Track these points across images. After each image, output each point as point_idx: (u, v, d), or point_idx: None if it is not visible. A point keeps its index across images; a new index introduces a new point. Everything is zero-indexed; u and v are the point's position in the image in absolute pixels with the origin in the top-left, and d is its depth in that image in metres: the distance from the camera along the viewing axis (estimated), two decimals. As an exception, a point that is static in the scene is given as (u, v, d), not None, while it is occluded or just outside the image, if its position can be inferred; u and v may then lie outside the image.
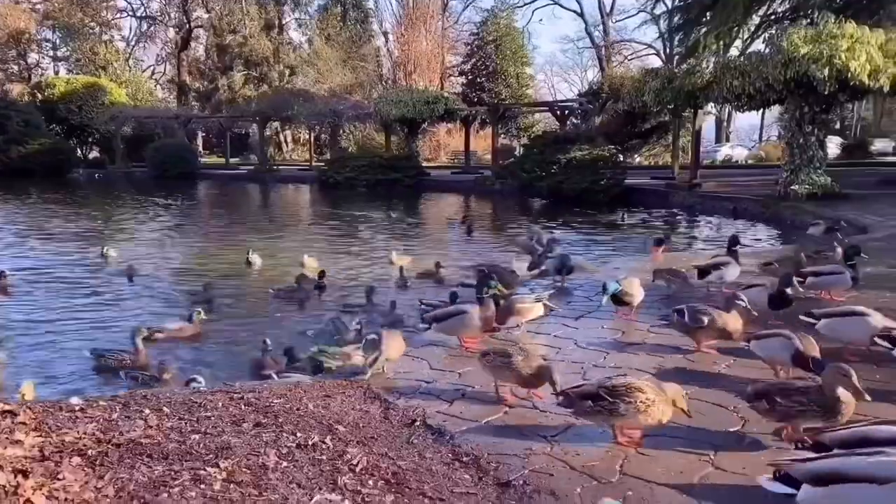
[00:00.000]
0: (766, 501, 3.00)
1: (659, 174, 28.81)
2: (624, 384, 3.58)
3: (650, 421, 3.57)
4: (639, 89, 23.14)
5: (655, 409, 3.52)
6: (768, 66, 17.53)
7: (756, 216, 18.50)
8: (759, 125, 57.63)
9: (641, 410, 3.51)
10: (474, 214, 19.91)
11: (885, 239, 11.43)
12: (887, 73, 16.67)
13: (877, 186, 21.65)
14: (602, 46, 55.04)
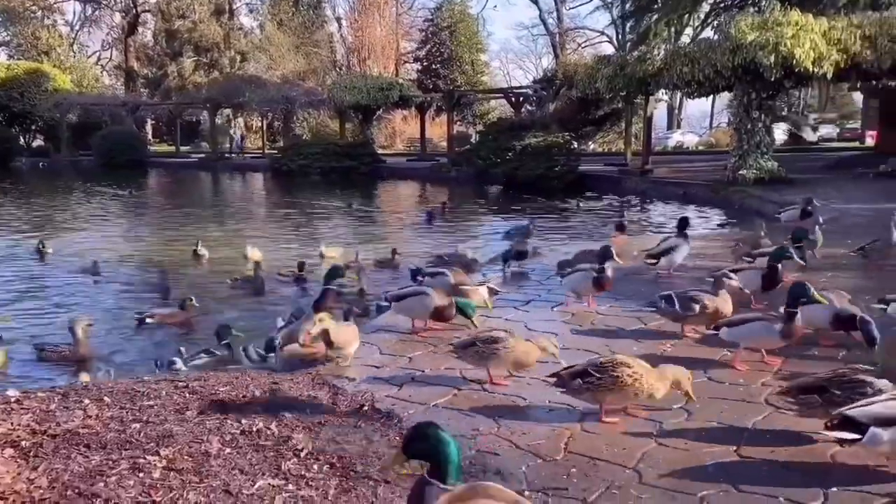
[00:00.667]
0: (707, 475, 3.05)
1: (612, 160, 29.14)
2: (611, 360, 3.65)
3: (639, 395, 3.62)
4: (592, 76, 23.29)
5: (643, 383, 3.56)
6: (717, 53, 17.83)
7: (706, 201, 18.84)
8: (709, 112, 58.64)
9: (628, 384, 3.55)
10: (440, 203, 19.76)
11: (827, 222, 11.72)
12: (830, 59, 17.08)
13: (821, 171, 22.25)
14: (556, 33, 55.30)
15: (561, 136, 26.15)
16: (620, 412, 3.76)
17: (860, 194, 15.60)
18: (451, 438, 2.21)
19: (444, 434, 2.21)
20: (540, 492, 2.97)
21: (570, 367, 3.82)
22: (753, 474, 3.04)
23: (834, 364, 4.27)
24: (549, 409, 3.93)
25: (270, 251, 11.79)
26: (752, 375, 4.27)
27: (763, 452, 3.25)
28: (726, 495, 2.88)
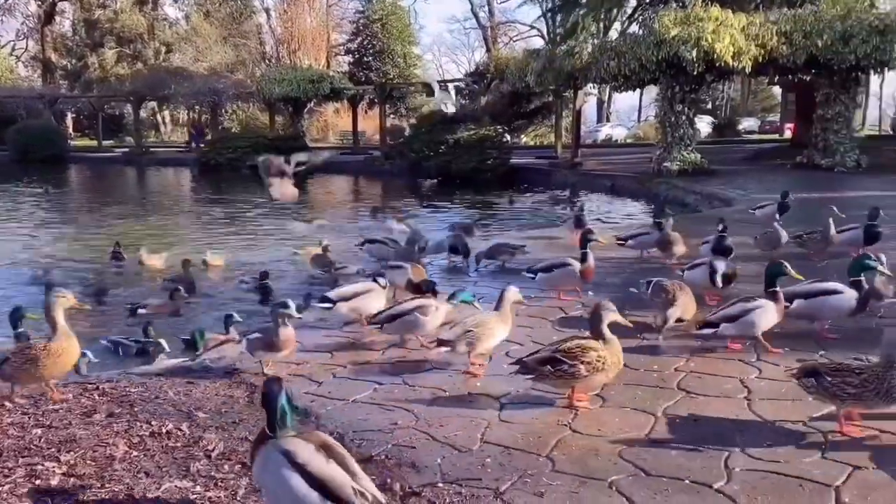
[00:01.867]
0: (618, 460, 3.10)
1: (543, 154, 29.49)
2: (577, 345, 3.63)
3: (607, 378, 3.68)
4: (522, 70, 23.50)
5: (610, 365, 3.61)
6: (642, 48, 18.20)
7: (633, 192, 19.28)
8: (637, 106, 59.98)
9: (599, 369, 3.58)
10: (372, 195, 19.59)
11: (745, 210, 12.16)
12: (749, 54, 17.66)
13: (742, 162, 23.04)
14: (488, 27, 55.55)
15: (493, 130, 26.29)
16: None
17: (778, 184, 16.14)
18: (278, 394, 2.48)
19: (272, 390, 2.49)
20: (454, 483, 2.97)
21: (535, 354, 3.77)
22: (662, 458, 3.10)
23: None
24: (469, 400, 3.93)
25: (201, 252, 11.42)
26: (665, 362, 4.36)
27: (672, 436, 3.33)
28: (635, 479, 2.93)
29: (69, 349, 3.91)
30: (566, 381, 3.65)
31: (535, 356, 3.74)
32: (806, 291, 4.77)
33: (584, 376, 3.59)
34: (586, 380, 3.62)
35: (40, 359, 3.80)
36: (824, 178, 17.30)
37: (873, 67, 18.91)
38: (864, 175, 17.61)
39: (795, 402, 3.66)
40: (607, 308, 3.74)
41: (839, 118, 19.33)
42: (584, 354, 3.58)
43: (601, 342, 3.65)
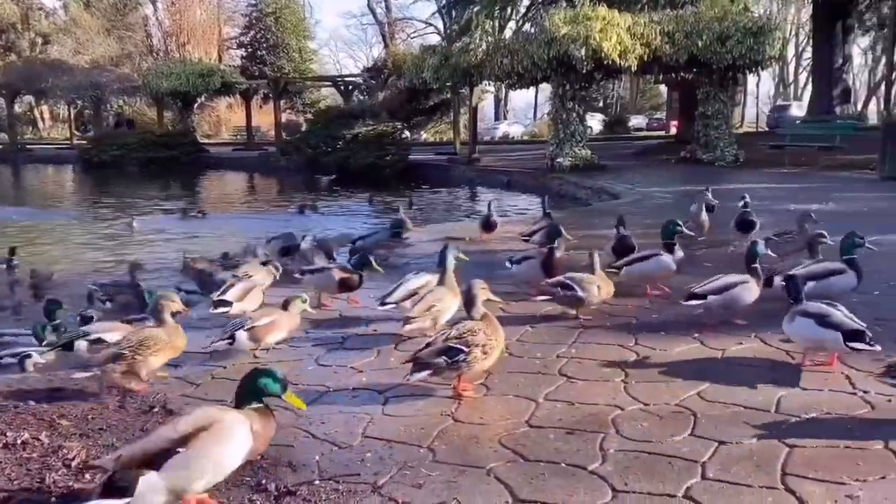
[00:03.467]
0: (498, 447, 3.11)
1: (442, 150, 29.66)
2: (466, 329, 3.61)
3: (492, 361, 3.71)
4: (419, 66, 23.49)
5: (495, 345, 3.65)
6: (533, 46, 18.58)
7: (528, 187, 19.66)
8: (533, 103, 61.27)
9: (489, 353, 3.62)
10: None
11: (631, 203, 12.64)
12: (635, 53, 18.34)
13: (630, 158, 23.96)
14: (385, 23, 55.33)
15: (391, 126, 26.22)
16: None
17: (662, 178, 16.93)
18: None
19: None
20: (331, 480, 2.89)
21: (426, 347, 3.66)
22: (541, 443, 3.14)
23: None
24: (352, 395, 3.85)
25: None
26: (549, 350, 4.43)
27: (552, 421, 3.36)
28: (513, 465, 2.95)
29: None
30: (459, 369, 3.61)
31: (430, 349, 3.65)
32: (813, 273, 4.89)
33: (483, 359, 3.60)
34: (481, 364, 3.64)
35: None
36: (706, 171, 18.20)
37: (748, 67, 20.06)
38: (742, 169, 18.67)
39: (669, 383, 3.79)
40: (480, 286, 3.82)
41: (718, 115, 20.38)
42: (474, 336, 3.58)
43: (483, 322, 3.72)
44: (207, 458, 2.47)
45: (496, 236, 8.73)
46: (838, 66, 29.14)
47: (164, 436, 2.51)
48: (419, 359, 3.64)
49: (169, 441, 2.47)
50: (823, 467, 2.79)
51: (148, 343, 3.93)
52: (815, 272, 4.89)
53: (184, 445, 2.45)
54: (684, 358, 4.20)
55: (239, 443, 2.57)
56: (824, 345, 3.86)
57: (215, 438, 2.50)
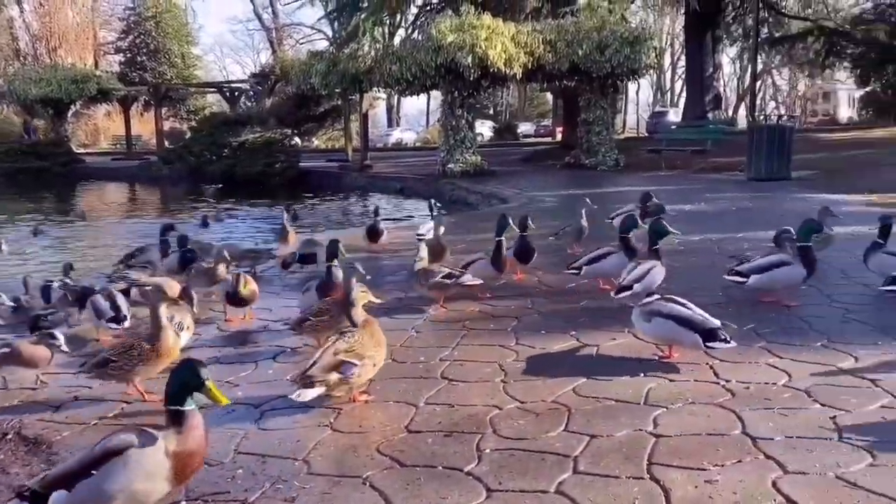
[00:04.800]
0: (374, 455, 3.06)
1: (334, 157, 29.35)
2: (356, 341, 3.58)
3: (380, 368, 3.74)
4: (306, 72, 23.18)
5: (375, 350, 3.66)
6: (421, 53, 18.70)
7: (421, 193, 19.76)
8: (426, 110, 61.76)
9: (378, 363, 3.65)
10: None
11: (519, 207, 12.89)
12: (519, 61, 18.80)
13: (519, 163, 24.54)
14: (272, 29, 54.30)
15: (279, 132, 25.71)
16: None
17: (549, 183, 17.40)
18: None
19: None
20: (198, 499, 2.76)
21: (316, 363, 3.50)
22: (419, 448, 3.12)
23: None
24: (227, 411, 3.70)
25: None
26: (432, 353, 4.43)
27: (430, 425, 3.35)
28: (390, 472, 2.91)
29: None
30: (353, 382, 3.56)
31: (321, 364, 3.51)
32: (759, 266, 5.13)
33: (373, 369, 3.61)
34: (368, 375, 3.63)
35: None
36: (589, 176, 18.89)
37: (626, 75, 20.96)
38: (623, 172, 19.46)
39: (546, 381, 3.86)
40: (359, 290, 3.80)
41: (599, 121, 21.19)
42: (363, 348, 3.56)
43: (367, 329, 3.71)
44: (114, 484, 2.35)
45: (384, 243, 8.68)
46: (709, 73, 30.98)
47: (81, 458, 2.44)
48: (310, 376, 3.48)
49: (81, 464, 2.40)
50: (686, 455, 2.90)
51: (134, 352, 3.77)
52: (760, 265, 5.16)
53: (96, 469, 2.36)
54: (562, 355, 4.31)
55: (151, 470, 2.40)
56: (683, 343, 4.05)
57: (123, 465, 2.37)
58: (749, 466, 2.79)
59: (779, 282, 5.13)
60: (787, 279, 5.10)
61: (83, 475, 2.36)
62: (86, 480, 2.35)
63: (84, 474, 2.36)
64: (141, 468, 2.38)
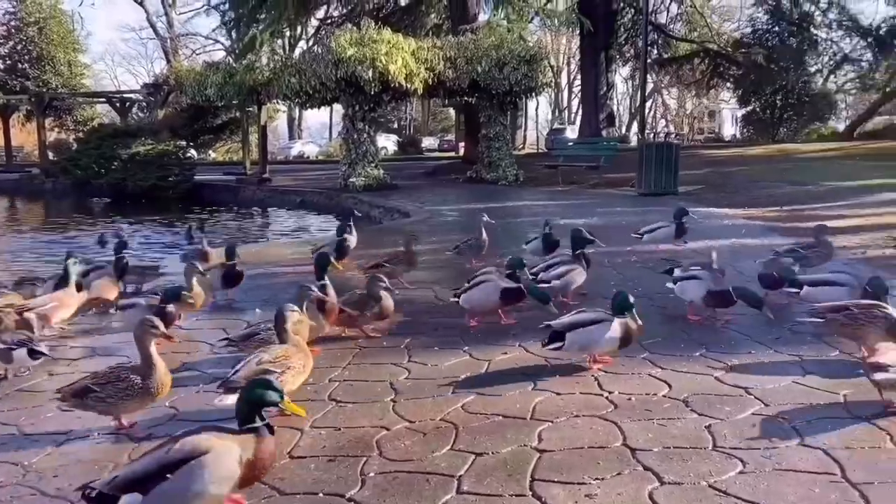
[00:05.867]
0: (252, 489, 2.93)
1: (232, 170, 28.66)
2: (281, 353, 3.59)
3: (299, 384, 3.72)
4: (201, 83, 22.47)
5: (305, 366, 3.70)
6: (321, 66, 18.49)
7: (322, 207, 19.48)
8: (328, 123, 61.19)
9: (296, 377, 3.62)
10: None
11: (421, 221, 12.92)
12: (420, 76, 18.90)
13: (422, 177, 24.64)
14: (167, 38, 52.52)
15: (173, 144, 24.80)
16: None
17: (450, 197, 17.54)
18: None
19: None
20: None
21: (238, 370, 3.52)
22: (301, 474, 3.01)
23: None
24: (96, 441, 3.47)
25: None
26: (321, 374, 4.32)
27: (315, 450, 3.25)
28: (268, 501, 2.80)
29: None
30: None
31: (243, 371, 3.51)
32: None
33: (290, 383, 3.56)
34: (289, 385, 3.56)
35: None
36: (490, 190, 19.18)
37: (524, 92, 21.44)
38: (522, 187, 19.87)
39: (436, 398, 3.83)
40: (289, 310, 3.82)
41: (499, 137, 21.60)
42: (287, 360, 3.58)
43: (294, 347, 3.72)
44: (190, 488, 2.40)
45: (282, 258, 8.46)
46: (603, 92, 32.21)
47: (155, 461, 2.44)
48: (232, 382, 3.47)
49: (158, 467, 2.41)
50: (568, 469, 2.93)
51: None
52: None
53: (171, 472, 2.39)
54: (453, 371, 4.29)
55: (224, 473, 2.47)
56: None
57: (200, 469, 2.41)
58: (628, 479, 2.85)
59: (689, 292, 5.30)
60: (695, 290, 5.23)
61: (159, 478, 2.38)
62: (162, 484, 2.38)
63: (160, 477, 2.38)
64: (218, 473, 2.45)
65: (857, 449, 3.04)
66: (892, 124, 40.49)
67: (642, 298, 5.81)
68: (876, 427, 3.26)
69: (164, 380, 3.49)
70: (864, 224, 9.90)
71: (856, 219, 10.42)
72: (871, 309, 4.03)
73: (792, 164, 20.69)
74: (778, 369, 4.10)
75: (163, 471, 2.39)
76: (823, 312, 4.27)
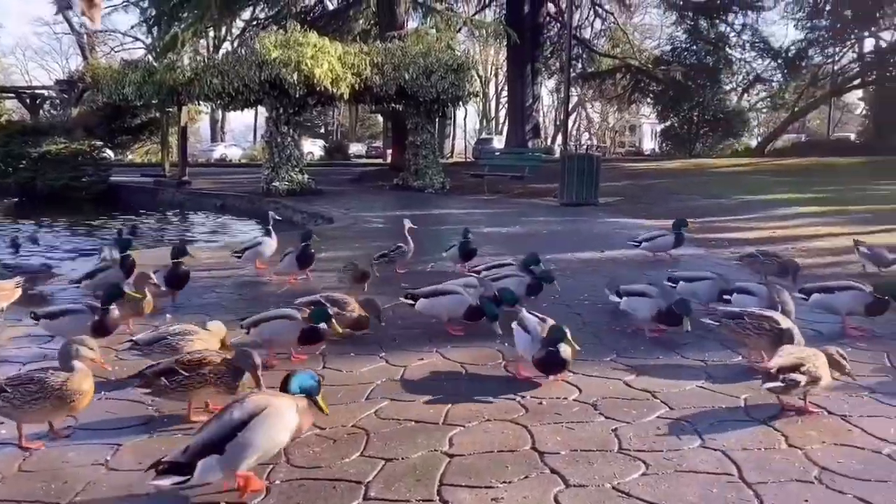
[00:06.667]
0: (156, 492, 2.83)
1: (150, 171, 27.78)
2: (200, 357, 3.53)
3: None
4: (119, 81, 21.66)
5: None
6: (244, 67, 18.13)
7: (243, 211, 19.04)
8: (253, 126, 60.01)
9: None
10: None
11: (345, 227, 12.81)
12: (346, 81, 18.76)
13: (348, 184, 24.44)
14: (83, 33, 50.48)
15: (87, 144, 23.80)
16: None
17: (376, 204, 17.45)
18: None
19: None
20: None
21: (155, 365, 3.61)
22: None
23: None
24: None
25: None
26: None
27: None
28: (167, 512, 2.70)
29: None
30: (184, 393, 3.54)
31: (154, 368, 3.58)
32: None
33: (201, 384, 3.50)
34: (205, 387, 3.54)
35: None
36: (416, 197, 19.17)
37: (451, 101, 21.57)
38: (448, 195, 19.95)
39: (349, 405, 3.78)
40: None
41: (426, 145, 21.63)
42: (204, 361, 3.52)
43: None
44: (260, 440, 2.73)
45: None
46: (529, 104, 32.76)
47: (223, 423, 2.74)
48: (144, 375, 3.58)
49: (228, 428, 2.71)
50: (476, 473, 2.94)
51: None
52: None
53: (240, 430, 2.71)
54: (369, 377, 4.25)
55: (287, 423, 2.82)
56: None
57: (267, 422, 2.76)
58: (535, 482, 2.87)
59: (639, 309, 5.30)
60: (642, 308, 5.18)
61: (230, 438, 2.69)
62: (234, 440, 2.69)
63: (231, 437, 2.69)
64: (282, 422, 2.81)
65: (754, 450, 3.16)
66: (800, 142, 42.75)
67: (560, 306, 5.91)
68: (772, 429, 3.40)
69: (81, 387, 3.28)
70: (773, 236, 10.37)
71: (765, 231, 10.91)
72: (762, 321, 4.21)
73: (707, 178, 21.54)
74: (684, 374, 4.23)
75: (233, 430, 2.70)
76: (720, 317, 4.47)
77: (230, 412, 2.78)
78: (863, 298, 4.97)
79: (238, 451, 2.69)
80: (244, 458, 2.71)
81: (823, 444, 3.21)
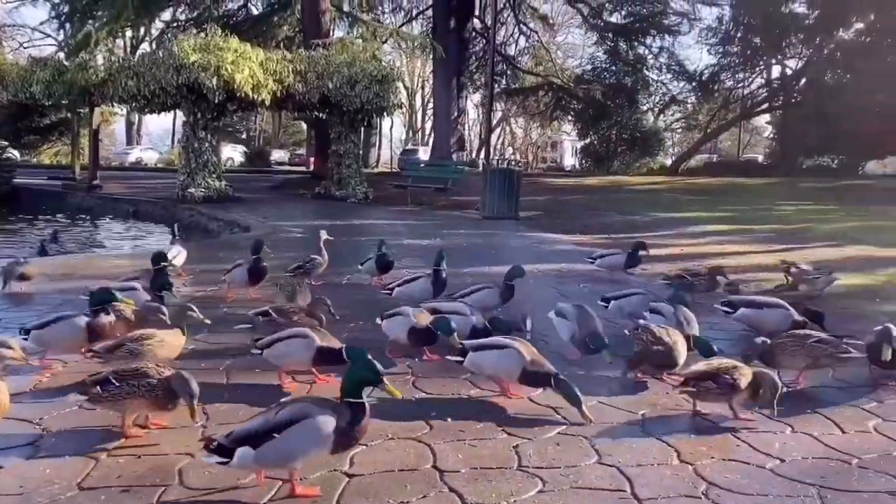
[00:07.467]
0: (31, 520, 2.68)
1: (59, 174, 26.60)
2: (136, 369, 3.47)
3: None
4: (26, 79, 20.69)
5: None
6: (161, 70, 17.64)
7: (156, 218, 18.45)
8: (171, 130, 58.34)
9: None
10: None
11: (262, 237, 12.51)
12: (268, 87, 18.49)
13: (268, 191, 24.07)
14: (-11, 27, 48.04)
15: (-10, 144, 22.66)
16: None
17: (296, 213, 17.23)
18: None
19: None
20: None
21: (95, 374, 3.54)
22: (88, 508, 2.79)
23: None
24: None
25: None
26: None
27: (109, 480, 3.02)
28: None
29: None
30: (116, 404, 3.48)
31: (94, 376, 3.52)
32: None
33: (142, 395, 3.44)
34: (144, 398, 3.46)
35: None
36: (338, 207, 19.02)
37: (376, 111, 21.54)
38: (370, 206, 19.88)
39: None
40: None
41: (349, 154, 21.53)
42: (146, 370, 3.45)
43: None
44: (291, 448, 2.82)
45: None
46: (454, 117, 33.09)
47: (265, 421, 2.86)
48: (84, 384, 3.53)
49: (268, 426, 2.83)
50: (375, 493, 2.92)
51: None
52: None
53: (278, 432, 2.80)
54: (274, 395, 4.15)
55: (320, 441, 2.85)
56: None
57: (301, 433, 2.81)
58: (433, 501, 2.87)
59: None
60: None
61: (267, 437, 2.79)
62: (269, 441, 2.79)
63: (268, 436, 2.79)
64: (314, 437, 2.83)
65: (647, 466, 3.26)
66: (712, 162, 44.65)
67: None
68: (666, 444, 3.52)
69: None
70: (683, 253, 10.77)
71: (675, 248, 11.32)
72: (659, 336, 4.46)
73: (623, 195, 22.23)
74: (587, 389, 4.30)
75: (271, 430, 2.80)
76: (637, 327, 4.73)
77: (276, 411, 2.90)
78: (790, 318, 5.20)
79: (268, 452, 2.80)
80: (273, 459, 2.85)
81: (713, 460, 3.34)
